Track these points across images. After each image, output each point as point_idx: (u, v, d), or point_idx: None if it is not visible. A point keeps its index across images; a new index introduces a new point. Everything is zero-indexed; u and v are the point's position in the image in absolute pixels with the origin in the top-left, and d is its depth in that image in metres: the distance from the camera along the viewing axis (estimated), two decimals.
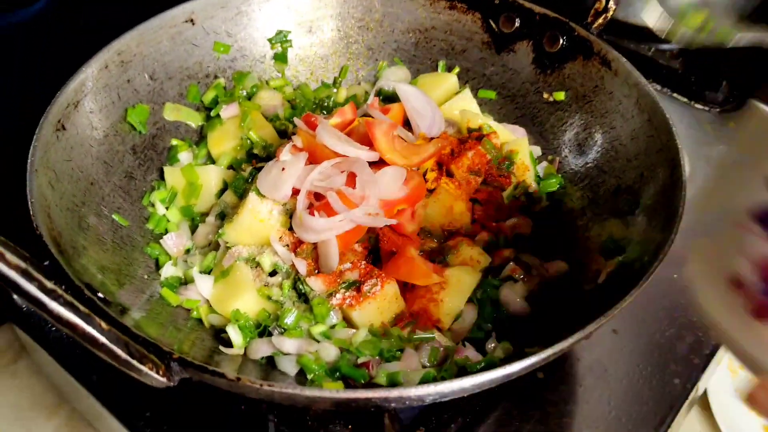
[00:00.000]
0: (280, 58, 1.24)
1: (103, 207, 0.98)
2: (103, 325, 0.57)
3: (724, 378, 1.21)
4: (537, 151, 1.15)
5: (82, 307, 0.56)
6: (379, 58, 1.26)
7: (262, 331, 0.90)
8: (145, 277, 0.97)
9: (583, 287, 0.94)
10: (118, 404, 0.98)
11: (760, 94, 1.48)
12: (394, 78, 1.23)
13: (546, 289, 0.96)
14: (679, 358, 1.03)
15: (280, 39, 1.22)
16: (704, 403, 1.22)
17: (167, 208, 1.06)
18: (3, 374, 1.29)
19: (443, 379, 0.72)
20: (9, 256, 0.54)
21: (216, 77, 1.19)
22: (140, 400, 0.97)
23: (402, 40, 1.25)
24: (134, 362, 0.60)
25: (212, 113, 1.16)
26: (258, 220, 0.96)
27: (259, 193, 0.97)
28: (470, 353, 0.86)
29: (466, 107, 1.14)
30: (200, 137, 1.17)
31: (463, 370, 0.83)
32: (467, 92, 1.16)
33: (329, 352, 0.87)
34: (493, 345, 0.89)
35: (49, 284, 0.54)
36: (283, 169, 0.97)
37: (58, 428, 1.21)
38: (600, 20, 1.08)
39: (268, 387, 0.63)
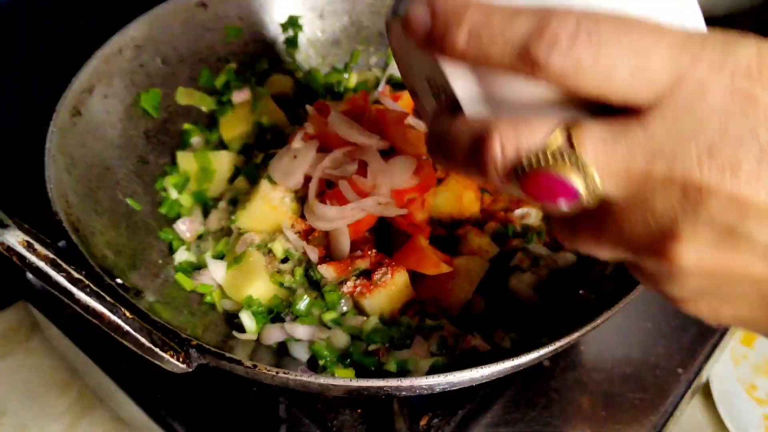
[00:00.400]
0: (292, 43, 1.24)
1: (117, 191, 0.99)
2: (128, 314, 0.58)
3: (726, 366, 1.23)
4: None
5: (107, 297, 0.57)
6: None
7: (275, 316, 0.92)
8: (159, 261, 0.99)
9: (592, 279, 0.96)
10: (132, 383, 1.00)
11: None
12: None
13: (554, 279, 0.98)
14: (683, 348, 1.05)
15: (292, 23, 1.23)
16: (706, 391, 1.24)
17: (180, 193, 1.07)
18: (16, 352, 1.31)
19: (452, 368, 0.74)
20: (38, 246, 0.55)
21: (228, 61, 1.20)
22: (154, 380, 0.99)
23: None
24: (157, 350, 0.61)
25: (224, 98, 1.17)
26: (270, 207, 0.97)
27: (271, 180, 0.98)
28: (478, 342, 0.87)
29: None
30: (212, 121, 1.18)
31: (471, 359, 0.85)
32: None
33: (340, 339, 0.88)
34: (501, 335, 0.90)
35: (77, 275, 0.56)
36: (295, 156, 0.98)
37: (70, 405, 1.23)
38: None
39: (283, 374, 0.65)
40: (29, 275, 1.11)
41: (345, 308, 0.91)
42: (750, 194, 0.43)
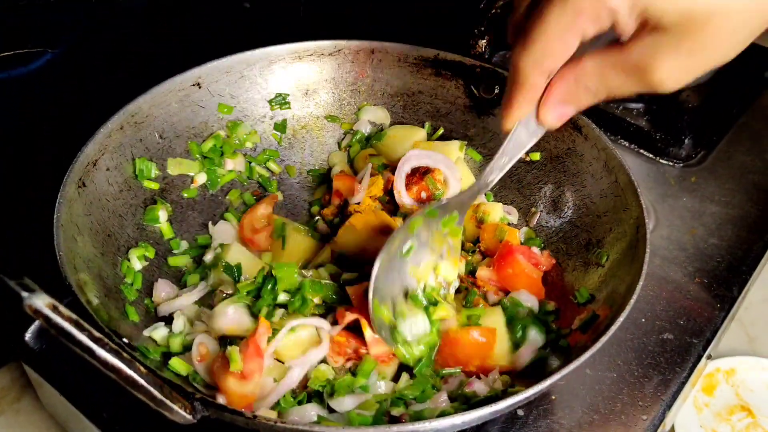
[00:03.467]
0: (279, 128, 1.34)
1: (118, 257, 1.06)
2: (142, 369, 0.65)
3: (690, 415, 1.32)
4: (514, 216, 1.25)
5: (125, 354, 0.64)
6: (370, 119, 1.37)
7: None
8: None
9: (560, 331, 1.04)
10: None
11: (721, 148, 1.61)
12: (374, 117, 1.34)
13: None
14: (646, 396, 1.13)
15: (279, 101, 1.33)
16: None
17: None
18: (7, 412, 1.34)
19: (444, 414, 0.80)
20: (62, 309, 0.62)
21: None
22: None
23: (391, 102, 1.37)
24: (168, 402, 0.68)
25: (212, 165, 1.26)
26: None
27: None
28: (478, 387, 0.94)
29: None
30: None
31: (468, 402, 0.93)
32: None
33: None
34: (495, 377, 0.98)
35: (97, 334, 0.63)
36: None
37: None
38: None
39: (281, 424, 0.71)
40: (27, 336, 1.17)
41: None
42: None
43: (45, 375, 1.14)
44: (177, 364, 0.95)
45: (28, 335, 1.17)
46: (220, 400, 0.86)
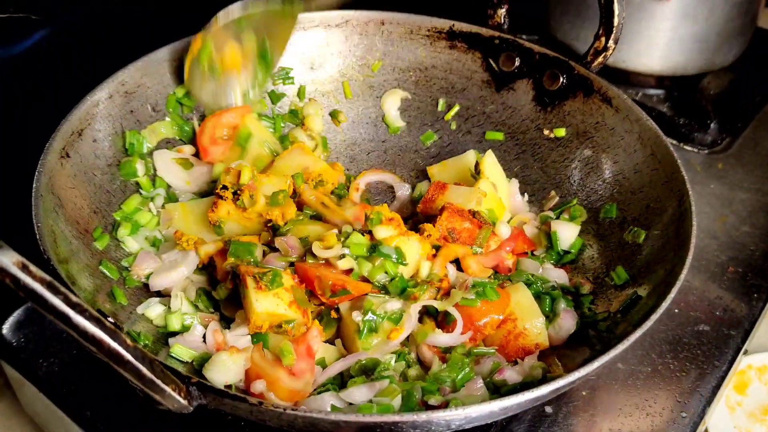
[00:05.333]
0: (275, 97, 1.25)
1: (105, 234, 0.96)
2: (128, 341, 0.55)
3: (722, 415, 1.22)
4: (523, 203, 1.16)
5: (107, 323, 0.54)
6: (379, 95, 1.28)
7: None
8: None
9: (596, 316, 0.95)
10: None
11: (747, 135, 1.53)
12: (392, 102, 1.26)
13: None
14: (685, 391, 1.03)
15: (282, 75, 1.24)
16: None
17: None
18: None
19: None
20: (33, 268, 0.52)
21: None
22: None
23: (402, 78, 1.27)
24: (158, 382, 0.57)
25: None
26: None
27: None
28: (509, 375, 0.85)
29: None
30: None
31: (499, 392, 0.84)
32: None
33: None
34: (532, 363, 0.88)
35: (75, 298, 0.52)
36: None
37: None
38: (600, 59, 1.11)
39: (291, 411, 0.61)
40: (4, 329, 1.06)
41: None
42: None
43: (23, 371, 1.04)
44: (179, 349, 0.85)
45: (5, 328, 1.07)
46: (263, 392, 0.78)
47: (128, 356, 0.54)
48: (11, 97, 1.27)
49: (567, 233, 1.06)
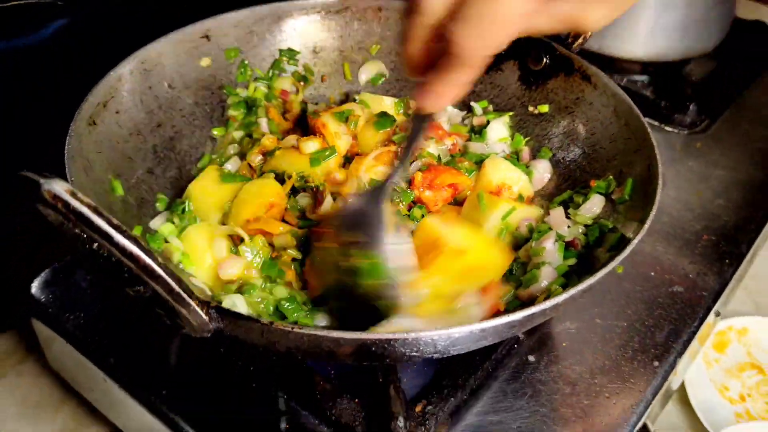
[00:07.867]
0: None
1: (128, 197, 1.06)
2: (160, 259, 0.64)
3: (700, 370, 1.31)
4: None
5: (143, 242, 0.63)
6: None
7: None
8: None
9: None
10: (135, 385, 1.04)
11: (726, 118, 1.62)
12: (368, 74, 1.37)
13: None
14: (658, 344, 1.12)
15: (287, 55, 1.33)
16: (682, 397, 1.30)
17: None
18: (9, 374, 1.33)
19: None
20: (80, 195, 0.62)
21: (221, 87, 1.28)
22: (158, 379, 1.03)
23: (398, 60, 1.37)
24: (185, 295, 0.67)
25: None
26: None
27: None
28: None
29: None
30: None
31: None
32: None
33: None
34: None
35: (116, 221, 0.62)
36: None
37: (64, 422, 1.25)
38: (579, 40, 1.21)
39: (298, 330, 0.71)
40: (33, 288, 1.16)
41: None
42: None
43: (52, 326, 1.13)
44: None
45: (34, 287, 1.17)
46: None
47: (160, 271, 0.64)
48: (31, 84, 1.35)
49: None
